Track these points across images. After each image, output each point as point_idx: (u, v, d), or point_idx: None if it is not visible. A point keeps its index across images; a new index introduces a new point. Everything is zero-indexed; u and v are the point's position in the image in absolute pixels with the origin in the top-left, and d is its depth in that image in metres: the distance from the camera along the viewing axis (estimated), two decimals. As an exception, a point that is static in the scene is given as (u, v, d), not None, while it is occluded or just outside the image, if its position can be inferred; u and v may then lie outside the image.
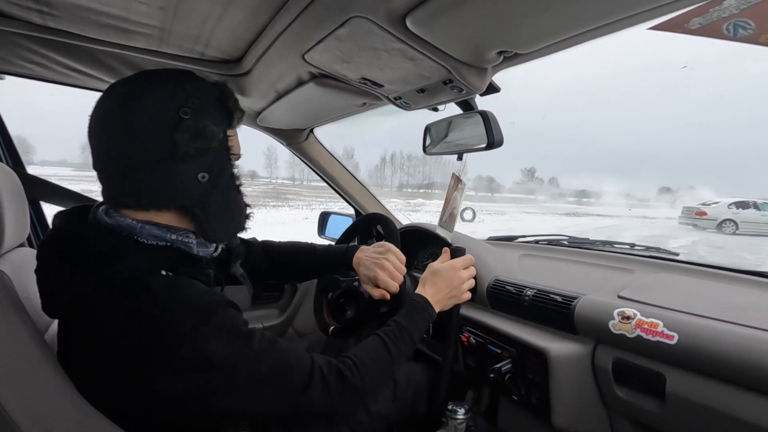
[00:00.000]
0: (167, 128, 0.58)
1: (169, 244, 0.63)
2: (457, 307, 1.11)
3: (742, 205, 12.95)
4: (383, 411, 0.97)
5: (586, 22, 0.61)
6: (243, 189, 0.70)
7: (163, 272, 0.60)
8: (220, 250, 0.73)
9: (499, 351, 0.98)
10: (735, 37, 0.59)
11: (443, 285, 0.88)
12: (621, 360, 0.81)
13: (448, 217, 1.07)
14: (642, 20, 0.59)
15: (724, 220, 12.64)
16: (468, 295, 0.93)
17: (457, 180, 1.03)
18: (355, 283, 1.16)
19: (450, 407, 0.89)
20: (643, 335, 0.77)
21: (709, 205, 13.70)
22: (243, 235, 0.74)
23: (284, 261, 1.03)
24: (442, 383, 1.07)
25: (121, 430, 0.58)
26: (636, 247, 1.28)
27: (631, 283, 0.97)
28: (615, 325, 0.81)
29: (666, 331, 0.75)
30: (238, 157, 0.70)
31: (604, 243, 1.34)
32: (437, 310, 0.86)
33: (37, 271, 0.61)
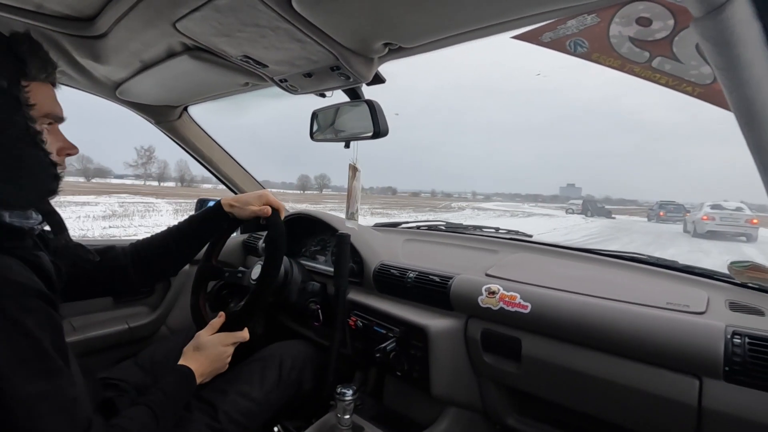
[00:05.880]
0: None
1: None
2: (344, 293, 1.14)
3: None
4: (270, 395, 0.96)
5: (461, 25, 0.66)
6: (47, 147, 0.61)
7: None
8: (44, 221, 0.65)
9: (384, 332, 1.03)
10: (575, 53, 0.70)
11: (206, 362, 0.83)
12: (488, 330, 0.92)
13: (353, 208, 1.07)
14: (507, 29, 0.66)
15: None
16: (225, 366, 0.87)
17: (354, 170, 1.04)
18: (239, 275, 1.10)
19: (339, 390, 0.90)
20: (505, 307, 0.89)
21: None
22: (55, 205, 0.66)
23: (159, 252, 0.93)
24: (331, 367, 1.09)
25: None
26: (500, 231, 1.45)
27: (496, 263, 1.10)
28: (483, 300, 0.92)
29: (522, 302, 0.87)
30: (55, 116, 0.64)
31: (475, 228, 1.50)
32: (198, 383, 0.80)
33: None
